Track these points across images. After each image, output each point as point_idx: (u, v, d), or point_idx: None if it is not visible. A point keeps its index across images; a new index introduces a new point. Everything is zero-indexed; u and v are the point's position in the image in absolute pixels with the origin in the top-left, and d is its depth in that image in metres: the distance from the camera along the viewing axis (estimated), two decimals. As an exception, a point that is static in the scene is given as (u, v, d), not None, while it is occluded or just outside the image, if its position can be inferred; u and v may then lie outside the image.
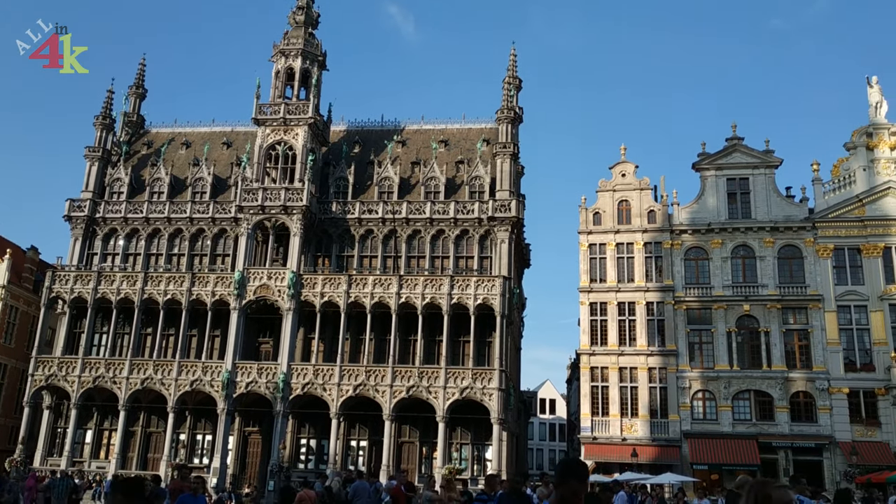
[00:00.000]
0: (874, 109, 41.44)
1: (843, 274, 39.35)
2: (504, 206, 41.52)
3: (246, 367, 40.00)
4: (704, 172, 42.18)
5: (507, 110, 43.65)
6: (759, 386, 38.44)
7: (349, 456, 40.86)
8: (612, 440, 39.01)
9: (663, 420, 38.95)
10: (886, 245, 39.14)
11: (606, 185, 43.11)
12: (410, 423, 40.28)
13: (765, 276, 39.83)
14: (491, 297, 39.01)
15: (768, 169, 41.52)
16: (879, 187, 39.80)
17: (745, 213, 41.09)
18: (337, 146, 47.13)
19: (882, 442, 36.37)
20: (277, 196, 41.79)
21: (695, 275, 40.85)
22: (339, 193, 44.29)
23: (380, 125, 48.61)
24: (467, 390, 37.87)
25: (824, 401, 37.59)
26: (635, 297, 40.80)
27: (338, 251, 43.23)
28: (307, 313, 40.93)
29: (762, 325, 39.11)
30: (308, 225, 42.02)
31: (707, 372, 39.02)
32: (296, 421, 41.10)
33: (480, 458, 39.95)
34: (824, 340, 38.33)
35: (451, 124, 48.25)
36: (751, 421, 38.21)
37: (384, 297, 39.73)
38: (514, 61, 45.41)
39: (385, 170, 44.21)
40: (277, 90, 44.68)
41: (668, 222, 41.62)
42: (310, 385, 39.17)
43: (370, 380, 38.78)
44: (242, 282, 40.73)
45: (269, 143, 43.47)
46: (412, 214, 42.24)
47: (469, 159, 44.89)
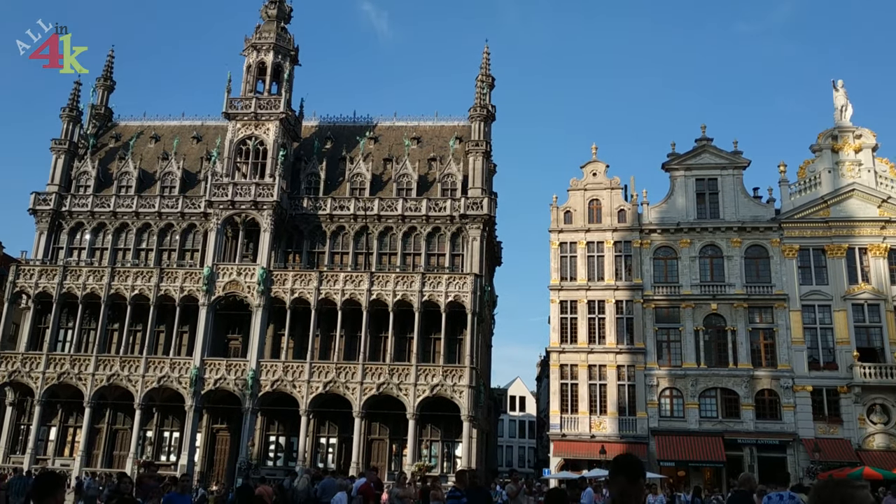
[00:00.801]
0: (839, 112, 42.19)
1: (808, 274, 40.05)
2: (476, 203, 41.61)
3: (215, 363, 39.65)
4: (674, 173, 42.65)
5: (479, 108, 43.73)
6: (726, 384, 38.99)
7: (318, 453, 40.71)
8: (580, 437, 39.31)
9: (631, 417, 39.34)
10: (850, 246, 39.89)
11: (578, 184, 43.40)
12: (380, 421, 40.24)
13: (732, 275, 40.39)
14: (462, 294, 39.10)
15: (736, 170, 42.09)
16: (844, 189, 40.54)
17: (714, 213, 41.63)
18: (309, 142, 46.86)
19: (844, 439, 37.10)
20: (248, 191, 41.45)
21: (663, 274, 41.30)
22: (311, 189, 44.05)
23: (352, 121, 48.43)
24: (438, 387, 37.93)
25: (788, 399, 38.25)
26: (605, 296, 41.15)
27: (309, 247, 43.01)
28: (277, 310, 40.68)
29: (729, 323, 39.66)
30: (279, 221, 41.75)
31: (674, 370, 39.49)
32: (265, 418, 40.83)
33: (450, 455, 40.04)
34: (789, 339, 38.99)
35: (424, 121, 48.22)
36: (717, 418, 38.74)
37: (355, 293, 39.64)
38: (487, 59, 45.51)
39: (357, 166, 44.06)
40: (249, 84, 44.31)
41: (637, 221, 42.02)
42: (279, 382, 38.95)
43: (340, 377, 38.67)
44: (212, 277, 40.36)
45: (240, 137, 43.10)
46: (384, 211, 42.15)
47: (441, 157, 44.90)
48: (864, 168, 40.86)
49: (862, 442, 36.99)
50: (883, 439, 37.04)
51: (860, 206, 40.35)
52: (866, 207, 40.29)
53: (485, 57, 45.54)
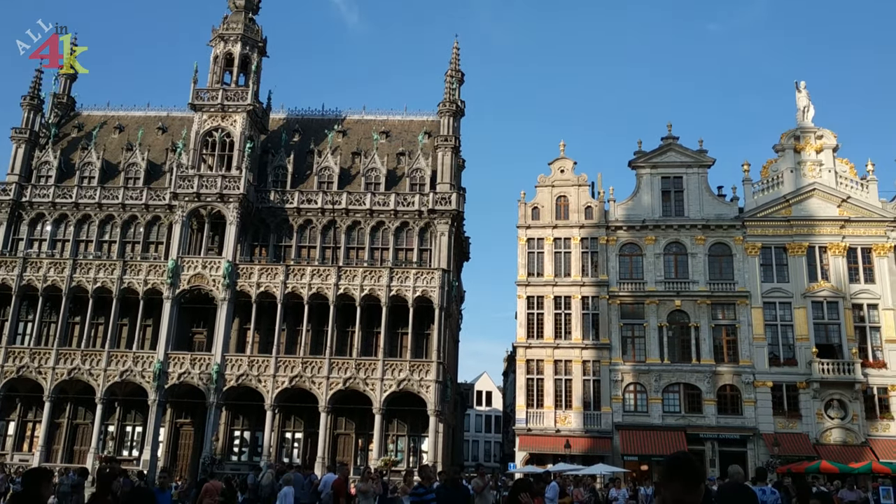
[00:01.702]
0: (802, 113, 42.96)
1: (770, 272, 40.76)
2: (444, 198, 41.65)
3: (179, 357, 39.21)
4: (640, 170, 43.08)
5: (449, 103, 43.73)
6: (689, 379, 39.55)
7: (284, 448, 40.52)
8: (546, 431, 39.62)
9: (596, 412, 39.74)
10: (810, 244, 40.68)
11: (545, 181, 43.65)
12: (347, 415, 40.16)
13: (696, 272, 40.96)
14: (430, 289, 39.14)
15: (701, 168, 42.66)
16: (805, 188, 41.31)
17: (679, 210, 42.14)
18: (276, 134, 46.48)
19: (802, 433, 37.88)
20: (214, 183, 41.00)
21: (629, 270, 41.74)
22: (278, 182, 43.72)
23: (320, 114, 48.13)
24: (405, 382, 37.96)
25: (749, 394, 38.92)
26: (571, 292, 41.46)
27: (275, 241, 42.70)
28: (243, 303, 40.36)
29: (692, 320, 40.24)
30: (245, 214, 41.37)
31: (639, 365, 39.96)
32: (229, 412, 40.52)
33: (416, 449, 40.11)
34: (751, 336, 39.66)
35: (393, 116, 48.11)
36: (680, 413, 39.31)
37: (322, 288, 39.47)
38: (456, 55, 45.53)
39: (325, 160, 43.82)
40: (216, 75, 43.80)
41: (604, 218, 42.39)
42: (244, 376, 38.66)
43: (307, 371, 38.50)
44: (176, 270, 39.88)
45: (206, 129, 42.61)
46: (352, 205, 42.00)
47: (410, 151, 44.84)
48: (824, 168, 41.66)
49: (819, 436, 37.80)
50: (840, 434, 37.89)
51: (821, 206, 41.15)
52: (826, 207, 41.11)
53: (454, 52, 45.56)
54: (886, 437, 37.53)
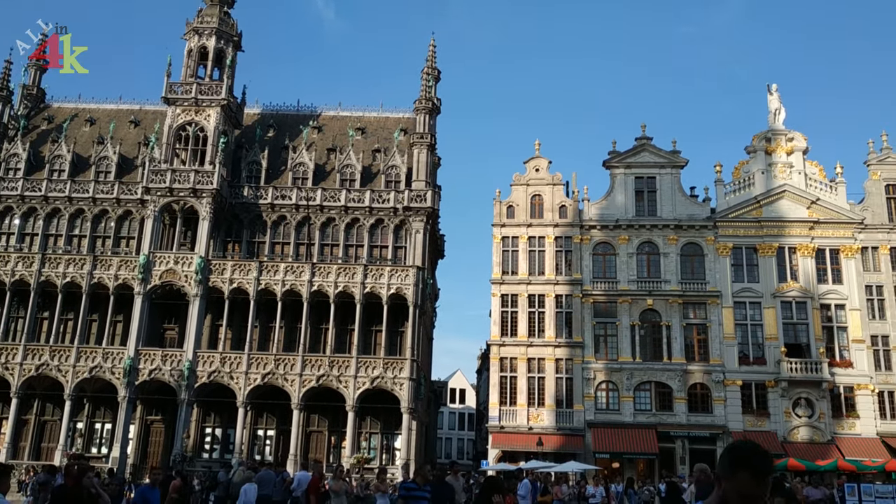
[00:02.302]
0: (773, 116, 43.55)
1: (741, 272, 41.30)
2: (420, 196, 41.62)
3: (149, 353, 38.79)
4: (614, 170, 43.39)
5: (425, 100, 43.70)
6: (660, 378, 39.95)
7: (256, 445, 40.30)
8: (518, 429, 39.79)
9: (568, 410, 40.00)
10: (780, 245, 41.27)
11: (520, 180, 43.81)
12: (319, 413, 40.03)
13: (668, 272, 41.36)
14: (404, 286, 39.12)
15: (674, 169, 43.07)
16: (776, 190, 41.89)
17: (652, 210, 42.52)
18: (251, 129, 46.12)
19: (770, 431, 38.43)
20: (187, 178, 40.59)
21: (602, 269, 42.05)
22: (252, 178, 43.39)
23: (296, 110, 47.84)
24: (378, 379, 37.91)
25: (719, 392, 39.41)
26: (545, 290, 41.67)
27: (249, 237, 42.39)
28: (215, 300, 40.02)
29: (664, 319, 40.64)
30: (218, 209, 41.01)
31: (611, 363, 40.28)
32: (201, 409, 40.20)
33: (389, 447, 40.10)
34: (721, 335, 40.16)
35: (369, 112, 47.98)
36: (651, 411, 39.69)
37: (296, 284, 39.28)
38: (433, 52, 45.49)
39: (300, 155, 43.57)
40: (189, 69, 43.33)
41: (578, 218, 42.65)
42: (216, 373, 38.36)
43: (279, 368, 38.30)
44: (147, 266, 39.43)
45: (180, 123, 42.16)
46: (327, 202, 41.81)
47: (386, 148, 44.75)
48: (795, 170, 42.28)
49: (787, 434, 38.40)
50: (807, 432, 38.52)
51: (791, 207, 41.77)
52: (796, 208, 41.73)
53: (431, 50, 45.51)
54: (852, 435, 38.23)
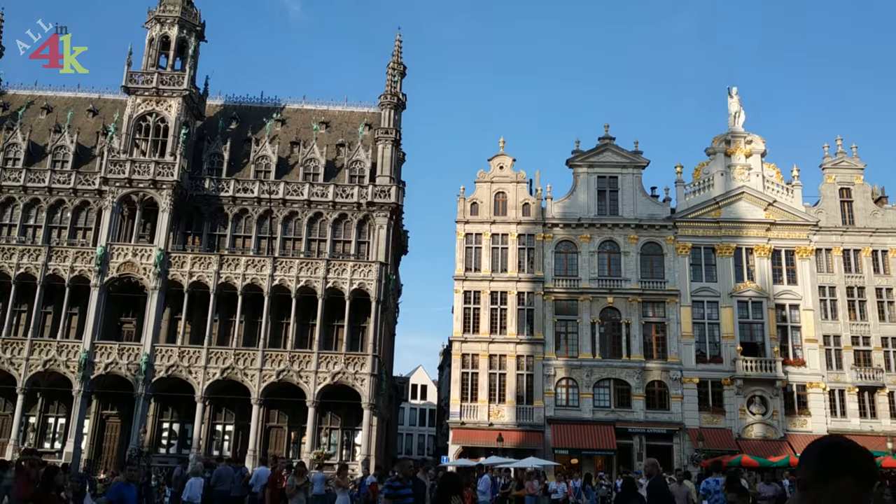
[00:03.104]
0: (733, 118, 44.31)
1: (699, 271, 41.99)
2: (384, 191, 41.52)
3: (106, 347, 38.11)
4: (577, 169, 43.77)
5: (390, 96, 43.59)
6: (619, 375, 40.44)
7: (214, 440, 39.91)
8: (479, 425, 39.97)
9: (529, 406, 40.28)
10: (738, 246, 42.05)
11: (485, 177, 43.95)
12: (279, 408, 39.76)
13: (628, 270, 41.87)
14: (367, 282, 39.01)
15: (636, 169, 43.58)
16: (734, 191, 42.65)
17: (613, 210, 42.99)
18: (213, 121, 45.54)
19: (725, 428, 39.19)
20: (147, 169, 39.93)
21: (564, 267, 42.41)
22: (214, 170, 42.87)
23: (259, 102, 47.36)
24: (339, 375, 37.77)
25: (677, 390, 40.04)
26: (508, 287, 41.89)
27: (209, 230, 41.88)
28: (174, 293, 39.48)
29: (624, 317, 41.13)
30: (178, 201, 40.42)
31: (571, 360, 40.66)
32: (158, 404, 39.65)
33: (350, 442, 40.01)
34: (679, 333, 40.78)
35: (334, 106, 47.70)
36: (610, 408, 40.16)
37: (257, 278, 38.94)
38: (399, 47, 45.37)
39: (263, 148, 43.17)
40: (151, 59, 42.61)
41: (541, 215, 42.94)
42: (175, 367, 37.85)
43: (239, 363, 37.95)
44: (105, 258, 38.72)
45: (140, 113, 41.46)
46: (289, 195, 41.50)
47: (350, 143, 44.54)
48: (753, 172, 43.08)
49: (742, 431, 39.17)
50: (760, 429, 39.34)
51: (748, 209, 42.56)
52: (754, 210, 42.53)
53: (397, 45, 45.39)
54: (803, 432, 39.12)
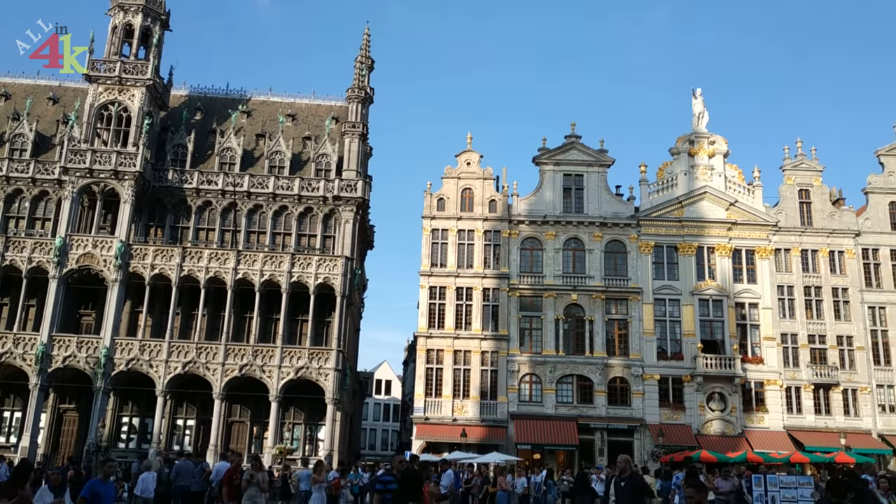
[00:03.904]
0: (697, 119, 44.93)
1: (661, 269, 42.56)
2: (350, 185, 41.35)
3: (64, 340, 37.42)
4: (543, 167, 44.04)
5: (357, 89, 43.40)
6: (582, 371, 40.83)
7: (175, 435, 39.47)
8: (443, 420, 40.08)
9: (493, 401, 40.50)
10: (700, 245, 42.69)
11: (452, 173, 44.01)
12: (242, 403, 39.44)
13: (592, 268, 42.29)
14: (332, 276, 38.85)
15: (601, 167, 43.99)
16: (697, 191, 43.28)
17: (578, 207, 43.36)
18: (177, 111, 44.90)
19: (685, 424, 39.81)
20: (108, 159, 39.25)
21: (529, 264, 42.68)
22: (177, 161, 42.29)
23: (224, 93, 46.83)
24: (303, 370, 37.59)
25: (638, 386, 40.57)
26: (473, 283, 42.04)
27: (172, 222, 41.33)
28: (135, 285, 38.92)
29: (587, 313, 41.54)
30: (141, 192, 39.82)
31: (535, 356, 40.95)
32: (118, 398, 39.08)
33: (313, 438, 39.86)
34: (641, 330, 41.31)
35: (301, 99, 47.37)
36: (572, 403, 40.55)
37: (220, 272, 38.54)
38: (367, 41, 45.17)
39: (228, 140, 42.71)
40: (114, 46, 41.86)
41: (507, 212, 43.14)
42: (135, 361, 37.32)
43: (201, 357, 37.55)
44: (64, 249, 37.99)
45: (102, 102, 40.73)
46: (254, 188, 41.12)
47: (317, 136, 44.28)
48: (715, 172, 43.75)
49: (701, 427, 39.83)
50: (719, 425, 40.03)
51: (711, 208, 43.23)
52: (716, 209, 43.21)
53: (365, 38, 45.18)
54: (760, 428, 39.94)
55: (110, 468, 11.37)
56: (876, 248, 43.11)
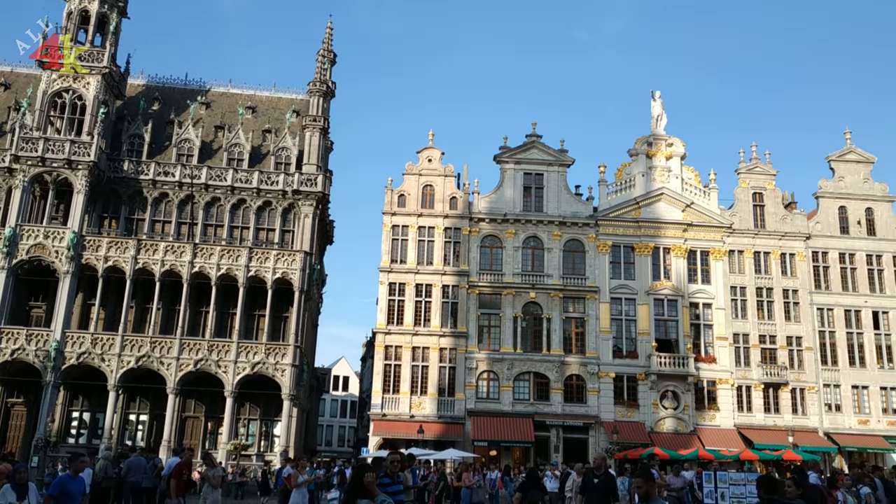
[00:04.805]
0: (655, 121, 45.58)
1: (618, 269, 43.12)
2: (310, 180, 41.06)
3: (13, 332, 36.49)
4: (504, 165, 44.27)
5: (319, 83, 43.09)
6: (539, 368, 41.18)
7: (127, 430, 38.82)
8: (400, 417, 40.07)
9: (450, 398, 40.61)
10: (656, 245, 43.35)
11: (413, 169, 43.98)
12: (196, 398, 38.95)
13: (550, 266, 42.65)
14: (291, 271, 38.54)
15: (561, 167, 44.37)
16: (654, 192, 43.92)
17: (538, 206, 43.69)
18: (134, 101, 44.06)
19: (639, 422, 40.41)
20: (61, 148, 38.36)
21: (489, 261, 42.88)
22: (133, 152, 41.53)
23: (183, 83, 46.10)
24: (259, 365, 37.24)
25: (594, 384, 41.05)
26: (433, 280, 42.08)
27: (127, 213, 40.58)
28: (88, 277, 38.14)
29: (545, 311, 41.89)
30: (95, 182, 39.00)
31: (493, 354, 41.17)
32: (68, 392, 38.26)
33: (268, 434, 39.52)
34: (597, 329, 41.81)
35: (261, 91, 46.85)
36: (529, 401, 40.87)
37: (176, 265, 37.96)
38: (330, 35, 44.87)
39: (186, 131, 42.06)
40: (69, 33, 40.87)
41: (468, 210, 43.27)
42: (86, 355, 36.57)
43: (155, 351, 36.96)
44: (14, 239, 37.04)
45: (56, 89, 39.79)
46: (212, 181, 40.58)
47: (277, 129, 43.87)
48: (672, 174, 44.45)
49: (654, 425, 40.47)
50: (672, 423, 40.73)
51: (667, 210, 43.91)
52: (672, 211, 43.91)
53: (328, 32, 44.88)
54: (712, 426, 40.74)
55: (82, 464, 11.20)
56: (825, 252, 44.25)
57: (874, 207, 45.10)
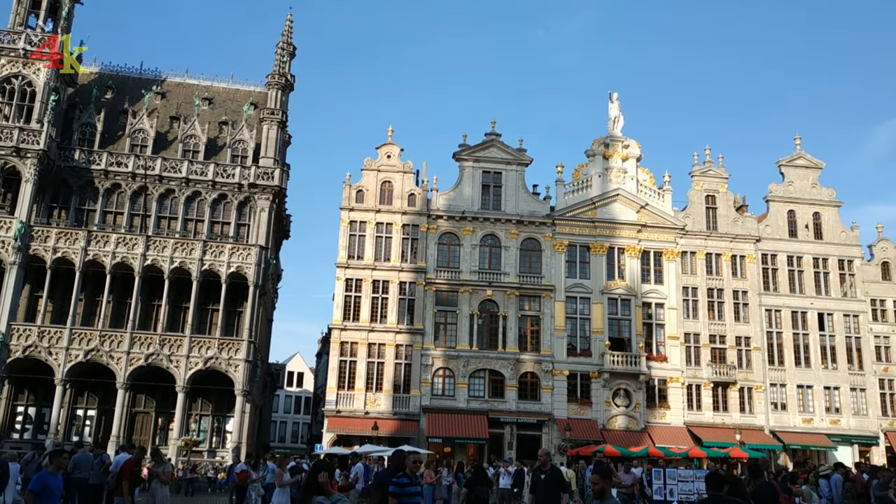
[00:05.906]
0: (612, 123, 46.17)
1: (574, 268, 43.60)
2: (267, 173, 40.67)
3: (-45, 324, 35.42)
4: (463, 163, 44.40)
5: (278, 76, 42.69)
6: (494, 366, 41.44)
7: (75, 426, 38.03)
8: (355, 413, 39.94)
9: (406, 395, 40.62)
10: (611, 245, 43.94)
11: (372, 165, 43.82)
12: (147, 393, 38.31)
13: (507, 264, 42.94)
14: (245, 265, 38.12)
15: (520, 166, 44.67)
16: (610, 193, 44.50)
17: (496, 205, 43.93)
18: (86, 89, 43.07)
19: (592, 419, 40.94)
20: (10, 136, 37.34)
21: (446, 259, 42.98)
22: (85, 141, 40.63)
23: (138, 73, 45.25)
24: (212, 360, 36.78)
25: (548, 381, 41.47)
26: (390, 276, 42.02)
27: (78, 204, 39.70)
28: (36, 269, 37.21)
29: (502, 309, 42.16)
30: (44, 171, 38.05)
31: (449, 351, 41.30)
32: (12, 386, 37.33)
33: (221, 429, 39.08)
34: (552, 327, 42.23)
35: (218, 83, 46.24)
36: (484, 398, 41.10)
37: (128, 257, 37.25)
38: (289, 28, 44.49)
39: (140, 121, 41.29)
40: (19, 17, 39.90)
41: (426, 207, 43.29)
42: (33, 348, 35.70)
43: (105, 345, 36.24)
44: (-43, 228, 35.92)
45: (4, 75, 38.74)
46: (167, 172, 39.92)
47: (234, 121, 43.34)
48: (628, 176, 45.09)
49: (606, 422, 41.06)
50: (624, 420, 41.36)
51: (622, 210, 44.52)
52: (627, 212, 44.54)
53: (287, 25, 44.48)
54: (662, 424, 41.48)
55: (63, 460, 11.09)
56: (774, 254, 45.37)
57: (821, 212, 46.37)
